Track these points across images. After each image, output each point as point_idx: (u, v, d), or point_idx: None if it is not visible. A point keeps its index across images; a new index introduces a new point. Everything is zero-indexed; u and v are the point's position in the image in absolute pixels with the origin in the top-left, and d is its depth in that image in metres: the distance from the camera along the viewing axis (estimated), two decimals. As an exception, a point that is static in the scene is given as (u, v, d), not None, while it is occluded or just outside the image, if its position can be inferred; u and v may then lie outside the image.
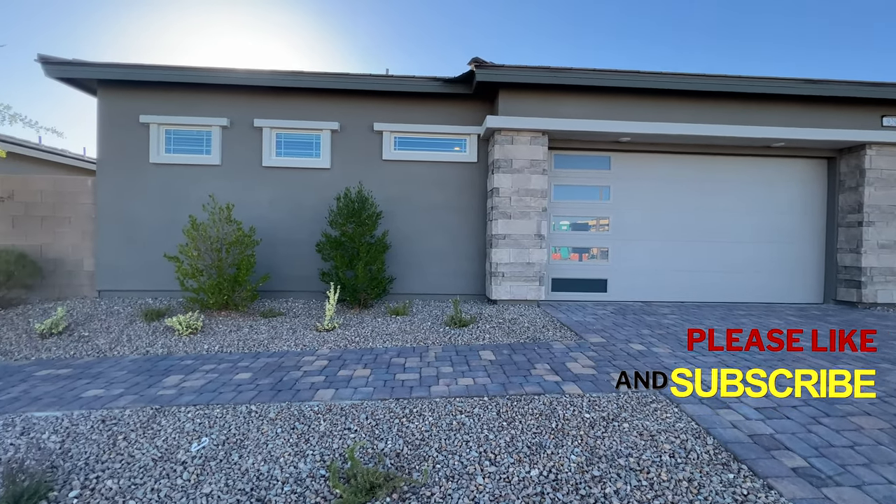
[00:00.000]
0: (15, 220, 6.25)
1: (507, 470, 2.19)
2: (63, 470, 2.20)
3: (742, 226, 6.86)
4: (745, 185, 6.89)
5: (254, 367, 3.66)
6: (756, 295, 6.84)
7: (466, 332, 4.72)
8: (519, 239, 6.03)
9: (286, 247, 6.36)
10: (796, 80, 6.10)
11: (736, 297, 6.82)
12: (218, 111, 6.35)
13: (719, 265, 6.82)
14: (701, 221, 6.82)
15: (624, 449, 2.36)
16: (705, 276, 6.79)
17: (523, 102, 6.11)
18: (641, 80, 6.00)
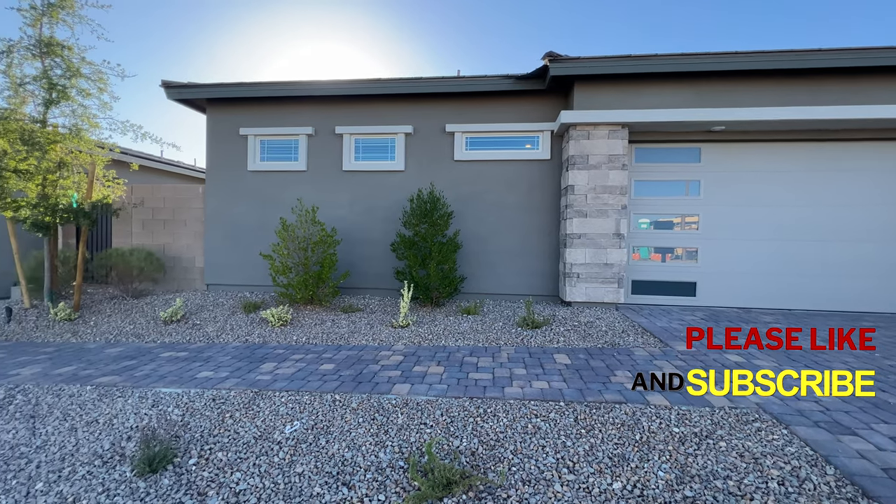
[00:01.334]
0: (144, 223, 7.34)
1: (586, 480, 2.10)
2: (184, 440, 2.53)
3: (866, 222, 5.87)
4: (871, 175, 5.87)
5: (336, 359, 3.91)
6: (889, 304, 5.81)
7: (539, 333, 4.61)
8: (595, 238, 5.74)
9: (363, 246, 6.70)
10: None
11: (861, 305, 5.84)
12: (304, 121, 6.88)
13: (840, 268, 5.90)
14: (812, 218, 5.95)
15: (721, 470, 2.14)
16: (819, 280, 5.92)
17: (601, 95, 5.80)
18: (740, 61, 5.39)
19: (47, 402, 3.08)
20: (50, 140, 5.48)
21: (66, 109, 5.72)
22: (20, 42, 5.30)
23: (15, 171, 5.31)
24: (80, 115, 5.76)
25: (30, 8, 5.29)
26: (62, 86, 5.51)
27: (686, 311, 5.69)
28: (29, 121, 5.50)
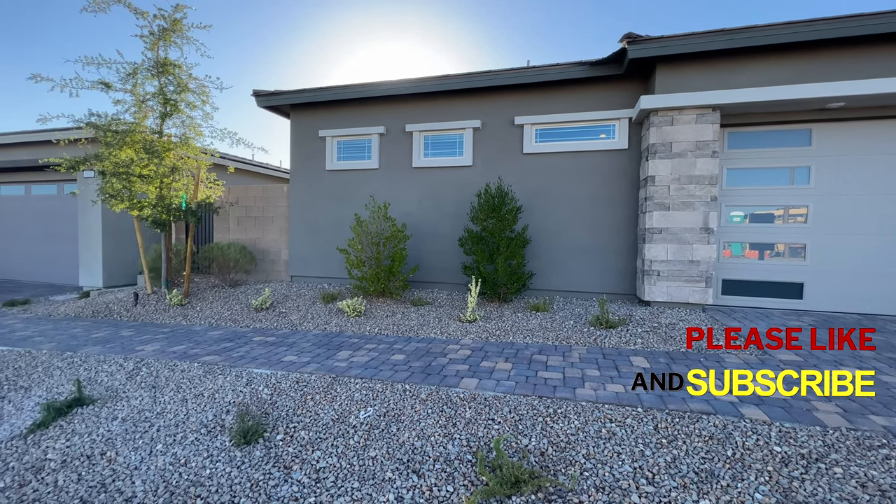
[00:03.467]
0: (239, 220, 8.17)
1: (668, 494, 1.95)
2: (272, 417, 2.78)
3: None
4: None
5: (406, 350, 4.04)
6: None
7: (615, 334, 4.36)
8: (679, 233, 5.28)
9: (431, 241, 6.83)
10: None
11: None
12: (376, 121, 7.16)
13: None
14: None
15: (835, 500, 1.86)
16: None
17: (687, 76, 5.29)
18: (846, 26, 4.58)
19: (164, 376, 3.57)
20: (165, 148, 6.30)
21: (177, 121, 6.54)
22: (142, 64, 6.14)
23: (139, 176, 6.18)
24: (187, 125, 6.56)
25: (149, 34, 6.10)
26: (174, 100, 6.30)
27: (790, 316, 5.02)
28: (149, 132, 6.37)
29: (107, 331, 5.20)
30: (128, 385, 3.43)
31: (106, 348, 4.40)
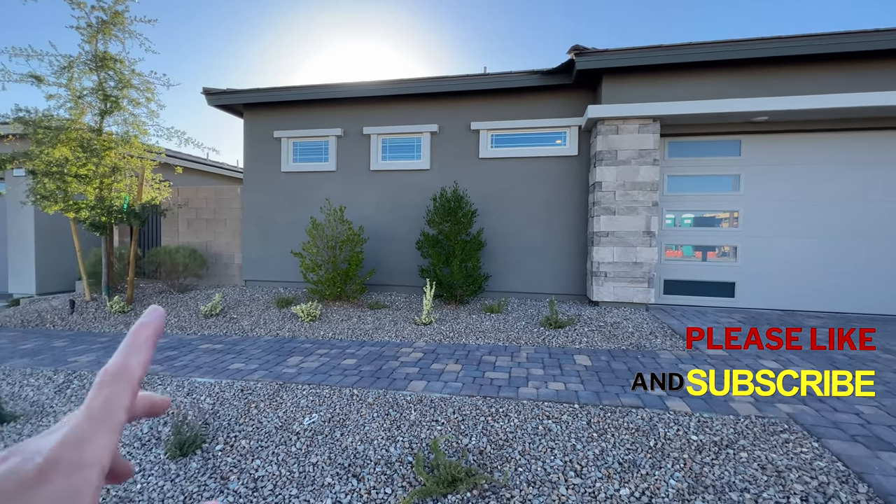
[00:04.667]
0: (189, 223, 7.84)
1: (593, 484, 2.07)
2: (212, 427, 2.72)
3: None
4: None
5: (359, 355, 4.04)
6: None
7: (562, 333, 4.54)
8: (624, 236, 5.57)
9: (390, 244, 6.83)
10: None
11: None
12: (333, 122, 7.09)
13: (892, 268, 5.41)
14: (866, 214, 5.47)
15: (738, 482, 2.05)
16: (872, 281, 5.45)
17: (630, 87, 5.60)
18: (771, 46, 5.03)
19: (98, 388, 3.39)
20: (105, 146, 5.97)
21: (119, 118, 6.21)
22: (78, 58, 5.78)
23: (76, 176, 5.81)
24: (130, 123, 6.23)
25: (86, 26, 5.76)
26: (115, 96, 5.97)
27: (722, 313, 5.41)
28: (87, 130, 6.00)
29: (37, 341, 4.86)
30: (56, 399, 3.23)
31: (34, 360, 4.12)
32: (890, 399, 2.86)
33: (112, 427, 0.28)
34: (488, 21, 33.11)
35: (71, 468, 0.26)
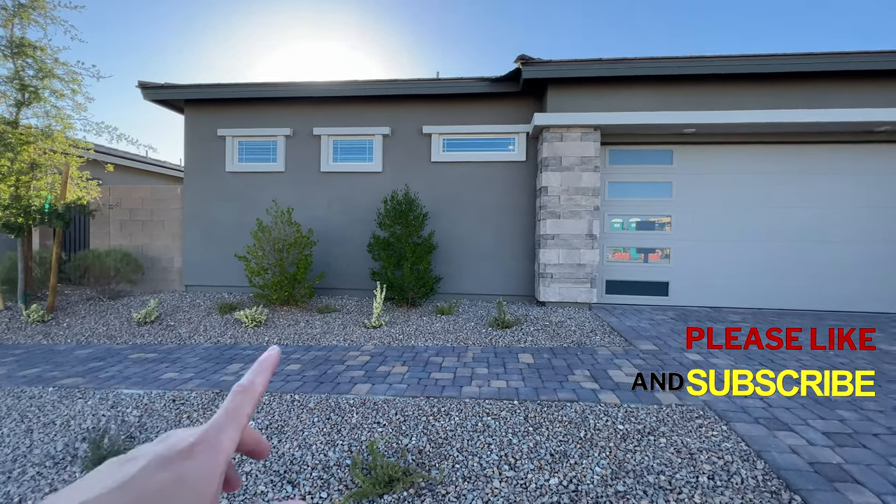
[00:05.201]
0: (122, 224, 7.31)
1: (525, 476, 2.16)
2: (138, 441, 2.56)
3: (832, 224, 6.01)
4: (837, 177, 6.02)
5: (303, 360, 3.95)
6: (852, 303, 5.95)
7: (509, 333, 4.68)
8: (569, 239, 5.83)
9: (341, 247, 6.73)
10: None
11: (829, 304, 5.99)
12: (282, 122, 6.90)
13: (805, 268, 6.04)
14: (781, 219, 6.08)
15: (656, 465, 2.22)
16: (787, 280, 6.05)
17: (573, 97, 5.89)
18: (698, 65, 5.50)
19: (6, 405, 3.09)
20: (22, 141, 5.46)
21: (39, 110, 5.70)
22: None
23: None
24: (53, 116, 5.74)
25: (0, 8, 5.26)
26: (34, 87, 5.48)
27: (657, 311, 5.79)
28: (0, 122, 5.46)
29: (-65, 356, 4.34)
30: (-46, 419, 2.91)
31: (-70, 377, 3.69)
32: (793, 385, 3.19)
33: (238, 427, 0.37)
34: (445, 26, 33.51)
35: (211, 449, 0.34)
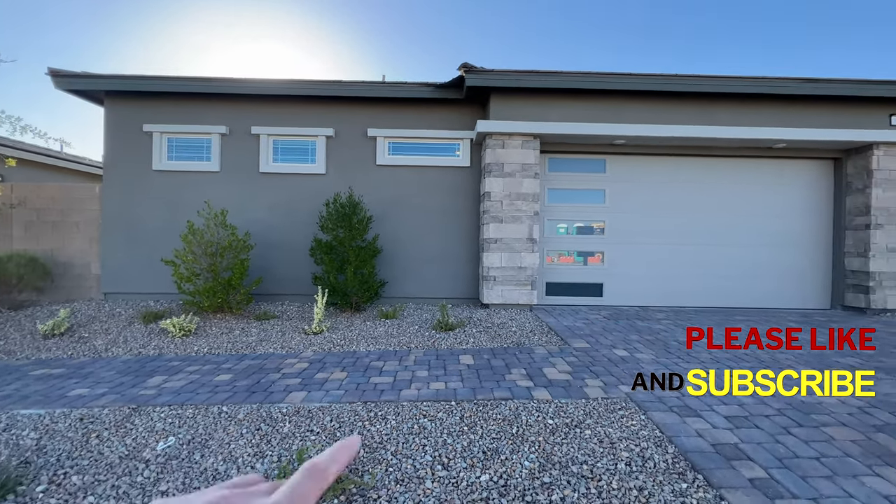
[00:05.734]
0: (28, 226, 6.55)
1: (457, 475, 2.20)
2: (35, 465, 2.31)
3: (744, 229, 6.70)
4: (747, 187, 6.73)
5: (236, 369, 3.75)
6: (759, 300, 6.66)
7: (451, 336, 4.74)
8: (511, 243, 6.02)
9: (282, 251, 6.48)
10: (795, 80, 5.94)
11: (738, 302, 6.65)
12: (217, 119, 6.53)
13: (720, 269, 6.67)
14: (700, 225, 6.69)
15: (580, 456, 2.34)
16: (704, 280, 6.65)
17: (514, 106, 6.11)
18: (634, 82, 5.94)
19: None
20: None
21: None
22: None
23: None
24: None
25: None
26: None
27: (592, 311, 6.12)
28: None
29: None
30: None
31: None
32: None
33: None
34: (393, 31, 33.43)
35: None
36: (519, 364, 3.81)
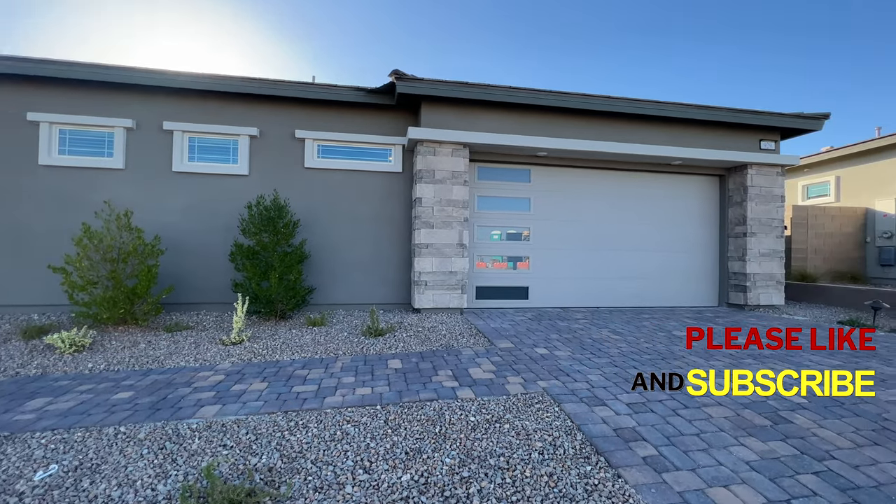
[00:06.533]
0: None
1: (378, 477, 2.21)
2: None
3: (648, 236, 7.47)
4: (651, 198, 7.52)
5: (139, 386, 3.42)
6: (662, 300, 7.44)
7: (381, 341, 4.71)
8: (441, 248, 6.14)
9: (200, 257, 6.02)
10: (687, 105, 6.80)
11: (645, 301, 7.38)
12: (122, 111, 5.93)
13: (629, 273, 7.36)
14: (612, 232, 7.34)
15: (498, 449, 2.46)
16: (617, 282, 7.30)
17: (445, 115, 6.29)
18: (554, 99, 6.40)
19: None
20: None
21: None
22: None
23: None
24: None
25: None
26: None
27: (519, 313, 6.43)
28: None
29: None
30: None
31: None
32: (610, 368, 3.85)
33: None
34: (324, 35, 32.66)
35: None
36: (446, 366, 3.90)
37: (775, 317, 6.65)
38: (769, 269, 7.23)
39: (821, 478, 2.20)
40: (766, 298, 7.20)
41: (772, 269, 7.26)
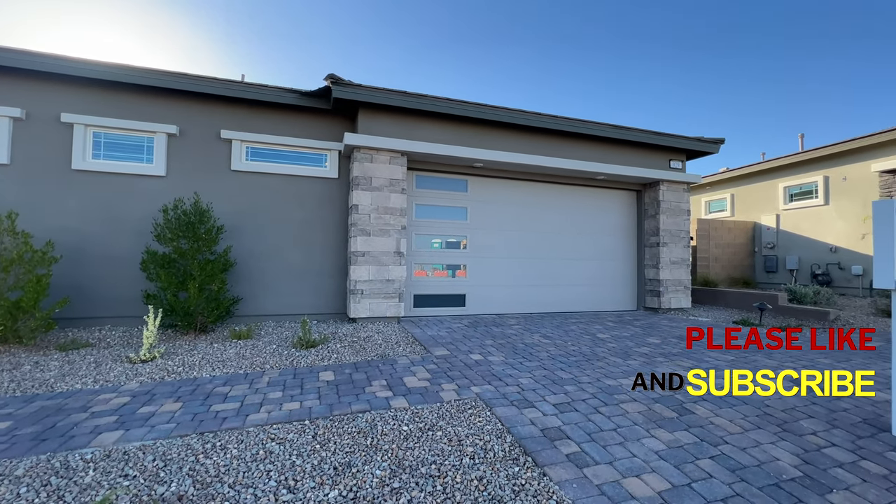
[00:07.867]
0: None
1: (304, 496, 2.10)
2: None
3: (578, 246, 7.97)
4: (578, 210, 8.04)
5: (19, 414, 2.96)
6: (588, 305, 7.95)
7: (313, 353, 4.52)
8: (378, 256, 6.07)
9: (103, 265, 5.39)
10: (608, 125, 7.42)
11: (574, 307, 7.83)
12: (8, 99, 5.19)
13: (560, 280, 7.78)
14: (542, 241, 7.72)
15: (430, 457, 2.46)
16: (548, 290, 7.67)
17: (383, 122, 6.26)
18: (488, 112, 6.65)
19: None
20: None
21: None
22: None
23: None
24: None
25: None
26: None
27: (456, 320, 6.52)
28: None
29: None
30: None
31: None
32: (540, 371, 4.02)
33: None
34: (265, 37, 31.05)
35: None
36: (381, 376, 3.83)
37: (683, 318, 7.38)
38: (678, 275, 8.03)
39: (716, 461, 2.46)
40: (677, 302, 7.97)
41: (681, 275, 8.06)
